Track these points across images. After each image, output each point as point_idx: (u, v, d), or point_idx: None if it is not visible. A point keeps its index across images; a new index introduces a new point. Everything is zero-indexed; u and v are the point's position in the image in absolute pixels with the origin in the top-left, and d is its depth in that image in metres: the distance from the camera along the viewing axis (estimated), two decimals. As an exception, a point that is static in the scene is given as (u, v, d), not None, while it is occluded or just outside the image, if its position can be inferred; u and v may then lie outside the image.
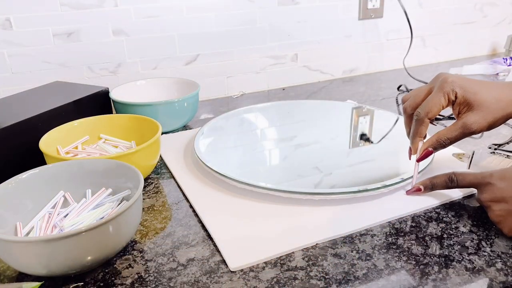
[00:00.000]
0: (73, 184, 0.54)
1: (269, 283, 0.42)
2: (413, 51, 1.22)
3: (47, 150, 0.57)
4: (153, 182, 0.63)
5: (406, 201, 0.55)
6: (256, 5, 1.00)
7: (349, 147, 0.72)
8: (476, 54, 1.36)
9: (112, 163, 0.53)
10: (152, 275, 0.44)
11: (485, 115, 0.50)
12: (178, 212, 0.55)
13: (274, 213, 0.53)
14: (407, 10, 1.09)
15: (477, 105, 0.50)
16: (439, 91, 0.51)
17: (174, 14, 0.93)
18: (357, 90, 1.05)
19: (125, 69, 0.93)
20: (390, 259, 0.45)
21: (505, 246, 0.46)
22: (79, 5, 0.84)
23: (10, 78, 0.84)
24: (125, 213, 0.43)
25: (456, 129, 0.51)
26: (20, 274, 0.45)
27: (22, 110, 0.66)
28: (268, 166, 0.68)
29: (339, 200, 0.55)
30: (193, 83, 0.86)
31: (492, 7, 1.31)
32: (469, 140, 0.71)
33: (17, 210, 0.49)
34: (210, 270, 0.44)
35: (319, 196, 0.54)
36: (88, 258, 0.42)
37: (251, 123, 0.84)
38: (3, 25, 0.80)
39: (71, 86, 0.80)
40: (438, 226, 0.50)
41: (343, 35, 1.13)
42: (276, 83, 1.10)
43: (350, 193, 0.54)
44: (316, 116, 0.85)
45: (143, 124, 0.68)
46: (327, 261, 0.45)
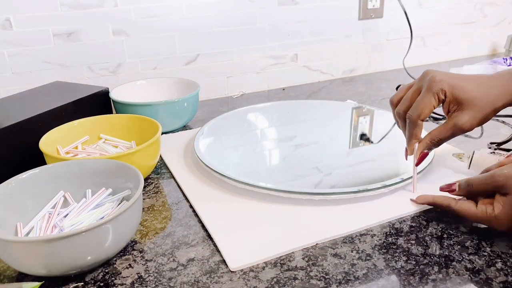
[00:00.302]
0: (73, 184, 0.54)
1: (269, 283, 0.42)
2: (413, 51, 1.22)
3: (47, 150, 0.57)
4: (153, 182, 0.63)
5: (406, 201, 0.55)
6: (256, 5, 1.00)
7: (349, 147, 0.72)
8: (476, 54, 1.36)
9: (112, 163, 0.53)
10: (152, 275, 0.44)
11: (475, 113, 0.50)
12: (178, 212, 0.55)
13: (274, 213, 0.53)
14: (407, 10, 1.09)
15: (467, 103, 0.50)
16: (429, 92, 0.51)
17: (174, 14, 0.93)
18: (357, 90, 1.05)
19: (125, 69, 0.93)
20: (390, 259, 0.45)
21: (505, 246, 0.46)
22: (79, 5, 0.84)
23: (10, 78, 0.84)
24: (125, 213, 0.43)
25: (448, 129, 0.51)
26: (20, 274, 0.45)
27: (22, 110, 0.66)
28: (268, 166, 0.68)
29: (339, 200, 0.55)
30: (193, 83, 0.86)
31: (492, 7, 1.31)
32: (468, 140, 0.71)
33: (17, 210, 0.49)
34: (210, 270, 0.44)
35: (319, 196, 0.54)
36: (88, 258, 0.42)
37: (251, 123, 0.84)
38: (3, 25, 0.80)
39: (71, 86, 0.80)
40: (438, 226, 0.50)
41: (343, 35, 1.13)
42: (276, 83, 1.10)
43: (350, 193, 0.54)
44: (316, 116, 0.85)
45: (143, 124, 0.68)
46: (327, 261, 0.45)
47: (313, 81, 1.14)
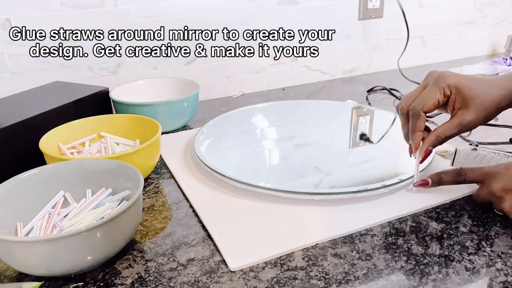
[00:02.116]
0: (73, 184, 0.54)
1: (269, 283, 0.42)
2: (413, 51, 1.22)
3: (47, 150, 0.57)
4: (153, 182, 0.63)
5: (406, 201, 0.55)
6: (256, 5, 1.00)
7: (349, 147, 0.72)
8: (476, 54, 1.36)
9: (112, 163, 0.53)
10: (152, 275, 0.44)
11: (480, 112, 0.51)
12: (178, 212, 0.55)
13: (274, 213, 0.53)
14: (407, 10, 1.09)
15: (472, 102, 0.50)
16: (435, 86, 0.52)
17: (174, 14, 0.93)
18: (357, 90, 1.05)
19: (125, 69, 0.93)
20: (390, 259, 0.45)
21: (505, 246, 0.46)
22: (79, 5, 0.84)
23: (10, 78, 0.84)
24: (125, 213, 0.43)
25: (454, 127, 0.52)
26: (20, 274, 0.45)
27: (22, 110, 0.66)
28: (268, 166, 0.68)
29: (339, 200, 0.55)
30: (193, 83, 0.86)
31: (492, 7, 1.31)
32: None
33: (17, 210, 0.49)
34: (210, 270, 0.44)
35: (319, 196, 0.54)
36: (88, 258, 0.42)
37: (251, 123, 0.84)
38: (3, 25, 0.80)
39: (71, 86, 0.80)
40: (438, 226, 0.50)
41: (343, 35, 1.13)
42: (276, 83, 1.10)
43: (350, 193, 0.54)
44: (316, 116, 0.85)
45: (143, 124, 0.68)
46: (327, 261, 0.45)
47: (313, 81, 1.14)
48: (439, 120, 0.82)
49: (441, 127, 0.53)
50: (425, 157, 0.54)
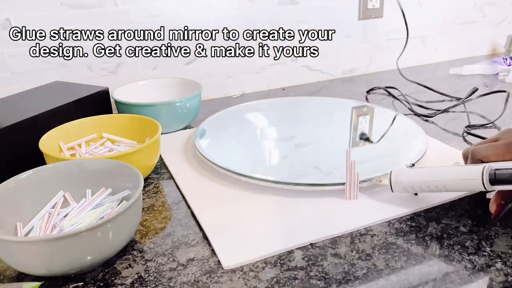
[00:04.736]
0: (73, 184, 0.54)
1: (269, 283, 0.42)
2: (413, 51, 1.22)
3: (47, 150, 0.57)
4: (153, 182, 0.63)
5: (406, 201, 0.55)
6: (256, 5, 1.00)
7: (349, 146, 0.72)
8: (476, 54, 1.36)
9: (112, 163, 0.53)
10: (152, 275, 0.44)
11: None
12: (178, 212, 0.55)
13: (274, 212, 0.53)
14: (407, 10, 1.09)
15: None
16: (507, 146, 0.48)
17: (174, 14, 0.93)
18: (357, 90, 1.05)
19: (125, 69, 0.93)
20: (390, 259, 0.45)
21: (505, 246, 0.46)
22: (79, 5, 0.84)
23: (10, 78, 0.84)
24: (125, 213, 0.43)
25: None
26: (20, 274, 0.45)
27: (22, 110, 0.66)
28: (268, 165, 0.68)
29: (339, 200, 0.55)
30: (195, 83, 0.85)
31: (492, 7, 1.31)
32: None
33: (17, 210, 0.49)
34: (210, 270, 0.44)
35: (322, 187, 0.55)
36: (88, 258, 0.42)
37: (250, 123, 0.84)
38: (3, 25, 0.80)
39: (71, 86, 0.80)
40: (438, 226, 0.50)
41: (343, 35, 1.13)
42: (276, 83, 1.10)
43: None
44: (316, 116, 0.85)
45: (143, 124, 0.68)
46: (327, 261, 0.45)
47: (313, 81, 1.14)
48: (440, 120, 0.82)
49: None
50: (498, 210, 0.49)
